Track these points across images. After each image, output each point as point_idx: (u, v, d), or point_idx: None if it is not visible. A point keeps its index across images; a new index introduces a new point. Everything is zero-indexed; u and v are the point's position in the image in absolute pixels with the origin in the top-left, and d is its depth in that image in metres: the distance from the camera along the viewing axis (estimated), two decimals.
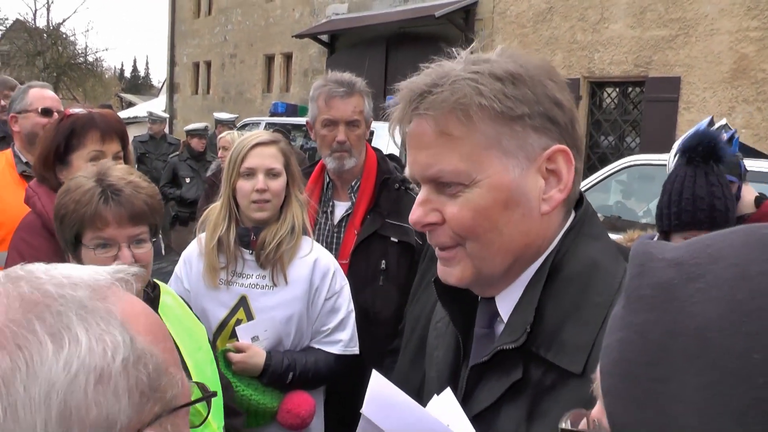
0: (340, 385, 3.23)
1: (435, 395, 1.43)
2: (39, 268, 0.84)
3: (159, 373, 0.83)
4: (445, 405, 1.40)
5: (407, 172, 1.46)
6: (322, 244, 3.32)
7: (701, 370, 0.59)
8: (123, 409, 0.77)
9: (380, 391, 1.36)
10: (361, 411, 1.32)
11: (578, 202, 1.51)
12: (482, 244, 1.39)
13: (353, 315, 3.15)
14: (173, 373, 0.86)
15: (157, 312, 2.08)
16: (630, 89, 14.59)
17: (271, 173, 2.99)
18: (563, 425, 0.83)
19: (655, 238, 3.30)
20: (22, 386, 0.72)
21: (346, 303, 3.12)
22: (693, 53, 13.02)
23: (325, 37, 21.18)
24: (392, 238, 3.47)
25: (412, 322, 2.48)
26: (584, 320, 1.33)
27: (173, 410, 0.84)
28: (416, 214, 1.41)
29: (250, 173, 2.99)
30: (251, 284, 3.01)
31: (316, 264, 3.06)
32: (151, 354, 0.83)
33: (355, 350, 3.13)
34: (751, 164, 7.70)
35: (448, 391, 1.43)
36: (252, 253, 3.02)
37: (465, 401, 1.43)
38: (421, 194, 1.42)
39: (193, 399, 0.89)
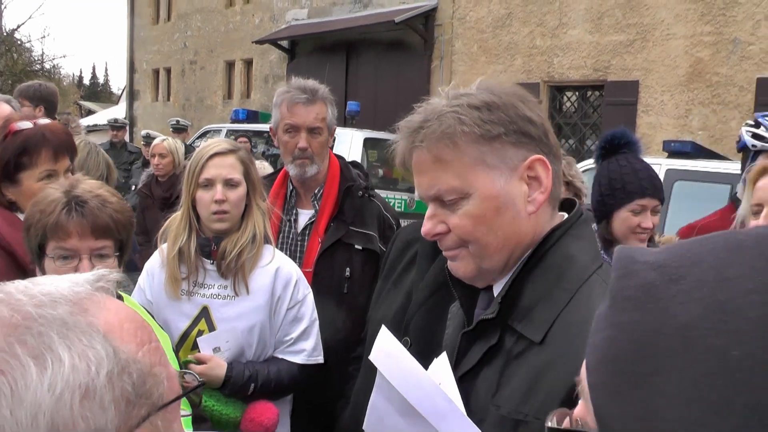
0: (307, 394, 3.22)
1: (435, 359, 1.73)
2: (18, 288, 0.84)
3: (143, 378, 0.83)
4: (441, 367, 1.69)
5: (416, 194, 1.68)
6: (285, 253, 3.29)
7: (683, 366, 0.62)
8: (110, 420, 0.78)
9: (387, 344, 1.63)
10: (369, 357, 1.62)
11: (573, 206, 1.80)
12: (482, 246, 1.67)
13: (317, 324, 3.11)
14: (158, 373, 0.87)
15: None
16: (589, 93, 14.76)
17: (229, 183, 2.94)
18: (549, 424, 0.86)
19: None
20: (8, 411, 0.73)
21: (309, 312, 3.09)
22: (650, 57, 13.21)
23: (285, 43, 21.15)
24: (356, 246, 3.46)
25: (374, 329, 2.48)
26: (552, 301, 1.63)
27: (161, 407, 0.86)
28: (426, 227, 1.70)
29: (209, 184, 2.95)
30: (213, 294, 2.97)
31: (278, 273, 3.02)
32: (135, 362, 0.83)
33: (319, 359, 3.10)
34: (709, 165, 7.87)
35: (443, 355, 1.73)
36: (213, 263, 2.98)
37: (456, 365, 1.72)
38: (429, 210, 1.70)
39: (180, 393, 0.91)
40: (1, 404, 0.72)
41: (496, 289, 1.74)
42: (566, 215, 1.77)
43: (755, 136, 3.62)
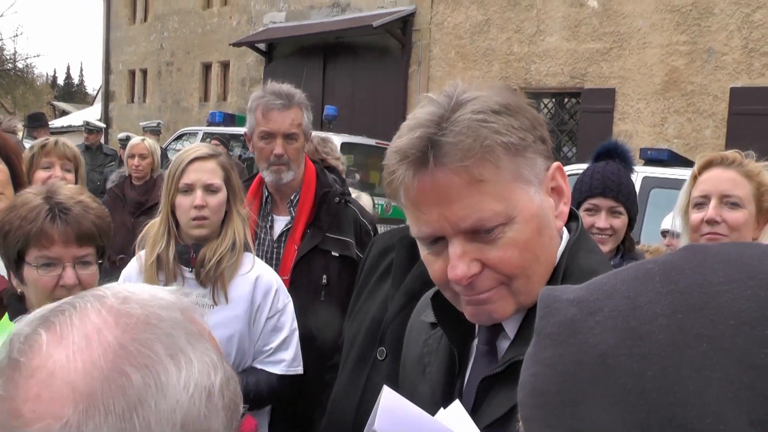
0: (285, 403, 3.18)
1: (441, 408, 1.43)
2: (136, 288, 0.90)
3: (238, 392, 0.91)
4: (455, 417, 1.41)
5: (418, 231, 1.42)
6: (261, 260, 3.26)
7: (605, 391, 0.66)
8: (220, 425, 0.86)
9: (393, 405, 1.36)
10: (374, 428, 1.31)
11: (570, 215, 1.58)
12: (528, 278, 1.41)
13: (297, 333, 3.06)
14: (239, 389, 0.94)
15: None
16: (566, 100, 14.83)
17: (209, 189, 2.89)
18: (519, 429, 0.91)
19: None
20: (153, 402, 0.79)
21: (289, 321, 3.03)
22: (627, 66, 13.31)
23: (262, 46, 21.08)
24: (333, 253, 3.42)
25: (350, 338, 2.45)
26: None
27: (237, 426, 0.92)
28: (460, 270, 1.36)
29: (189, 189, 2.89)
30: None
31: (257, 281, 2.97)
32: (233, 376, 0.91)
33: (299, 370, 3.05)
34: (685, 173, 7.90)
35: (456, 404, 1.43)
36: (192, 271, 2.92)
37: (473, 413, 1.45)
38: (456, 248, 1.37)
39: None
40: (149, 395, 0.79)
41: (509, 320, 1.49)
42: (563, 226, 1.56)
43: None
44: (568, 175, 4.60)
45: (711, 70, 12.30)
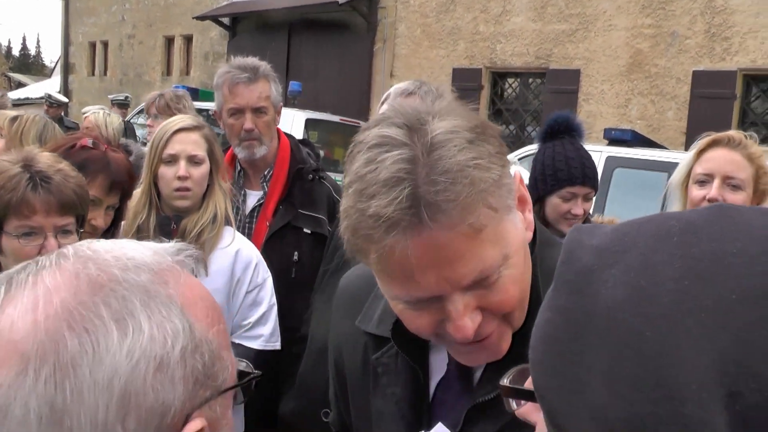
0: (260, 382, 3.17)
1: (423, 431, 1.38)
2: (105, 248, 0.86)
3: (213, 359, 0.85)
4: None
5: (407, 296, 1.25)
6: None
7: (608, 345, 0.69)
8: (178, 396, 0.80)
9: None
10: None
11: None
12: (523, 308, 1.33)
13: (275, 309, 3.06)
14: (225, 357, 0.88)
15: None
16: (531, 80, 14.91)
17: (193, 160, 2.88)
18: (504, 381, 0.93)
19: None
20: (87, 370, 0.75)
21: (268, 296, 3.03)
22: (592, 47, 13.40)
23: (226, 20, 20.86)
24: (305, 230, 3.40)
25: (316, 331, 2.40)
26: None
27: (222, 392, 0.87)
28: (468, 329, 1.23)
29: (172, 160, 2.87)
30: None
31: (238, 255, 2.96)
32: (208, 341, 0.85)
33: (277, 345, 3.04)
34: (647, 153, 8.03)
35: (440, 426, 1.38)
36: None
37: None
38: (458, 305, 1.22)
39: (238, 379, 0.93)
40: (83, 362, 0.75)
41: None
42: None
43: None
44: (531, 155, 4.63)
45: (674, 54, 12.44)
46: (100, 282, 0.80)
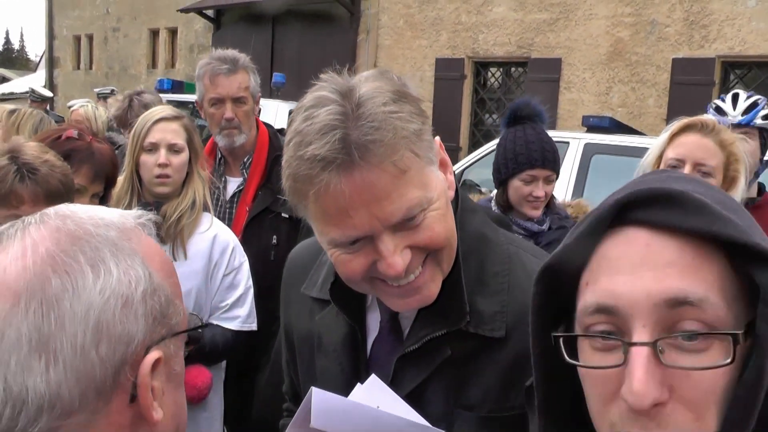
0: (239, 360, 3.29)
1: (358, 384, 1.46)
2: (80, 209, 1.03)
3: (168, 303, 1.03)
4: (374, 390, 1.44)
5: (341, 236, 1.37)
6: None
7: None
8: (140, 329, 0.97)
9: (326, 405, 1.34)
10: (310, 425, 1.31)
11: None
12: (450, 246, 1.46)
13: (252, 291, 3.17)
14: (178, 304, 1.07)
15: None
16: (513, 69, 15.00)
17: (173, 149, 3.01)
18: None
19: (493, 195, 3.72)
20: (68, 303, 0.92)
21: (244, 279, 3.14)
22: (573, 36, 13.51)
23: (210, 12, 20.81)
24: (283, 214, 3.53)
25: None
26: (490, 291, 1.50)
27: (175, 334, 1.06)
28: (399, 264, 1.36)
29: (153, 148, 3.00)
30: None
31: (215, 239, 3.07)
32: (164, 287, 1.03)
33: (253, 326, 3.16)
34: (625, 140, 8.14)
35: (374, 378, 1.47)
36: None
37: (392, 384, 1.50)
38: (388, 244, 1.35)
39: (188, 327, 1.12)
40: (65, 297, 0.92)
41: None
42: None
43: (718, 110, 3.76)
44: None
45: (654, 42, 12.56)
46: (77, 235, 0.97)
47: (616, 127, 8.73)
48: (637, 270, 0.91)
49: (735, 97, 3.71)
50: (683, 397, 0.87)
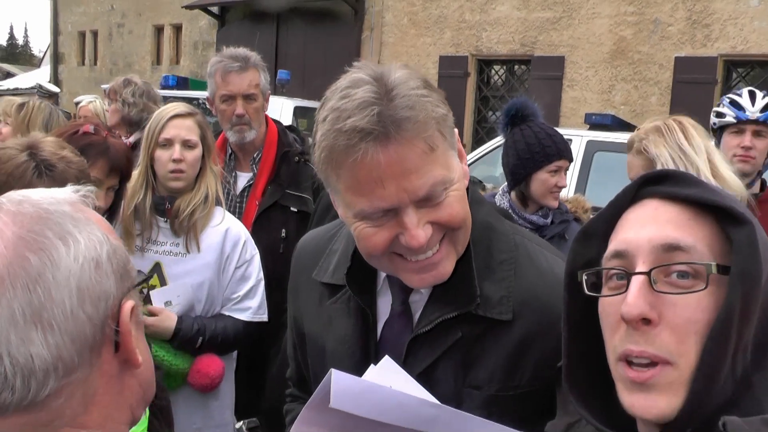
0: (249, 350, 3.37)
1: (372, 365, 1.52)
2: (29, 193, 1.12)
3: (126, 260, 1.14)
4: (388, 371, 1.50)
5: (370, 207, 1.45)
6: None
7: None
8: (112, 285, 1.08)
9: (346, 385, 1.35)
10: (330, 406, 1.32)
11: None
12: (466, 228, 1.57)
13: (263, 283, 3.24)
14: (130, 260, 1.18)
15: None
16: (516, 67, 15.08)
17: (187, 144, 3.08)
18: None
19: (497, 191, 3.85)
20: (50, 275, 1.01)
21: (255, 272, 3.21)
22: (576, 35, 13.58)
23: (215, 9, 20.87)
24: (292, 208, 3.63)
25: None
26: (498, 278, 1.60)
27: (136, 285, 1.18)
28: (422, 237, 1.46)
29: (167, 143, 3.07)
30: (165, 251, 3.10)
31: (227, 233, 3.14)
32: (119, 247, 1.14)
33: (264, 317, 3.23)
34: (627, 137, 8.18)
35: (387, 359, 1.53)
36: (167, 221, 3.10)
37: (404, 365, 1.57)
38: (412, 217, 1.45)
39: (138, 279, 1.23)
40: (46, 270, 1.01)
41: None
42: None
43: (717, 114, 3.89)
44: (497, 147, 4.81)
45: (657, 40, 12.64)
46: (38, 214, 1.06)
47: (619, 124, 8.79)
48: (645, 226, 1.16)
49: (752, 94, 3.81)
50: (669, 322, 1.09)
